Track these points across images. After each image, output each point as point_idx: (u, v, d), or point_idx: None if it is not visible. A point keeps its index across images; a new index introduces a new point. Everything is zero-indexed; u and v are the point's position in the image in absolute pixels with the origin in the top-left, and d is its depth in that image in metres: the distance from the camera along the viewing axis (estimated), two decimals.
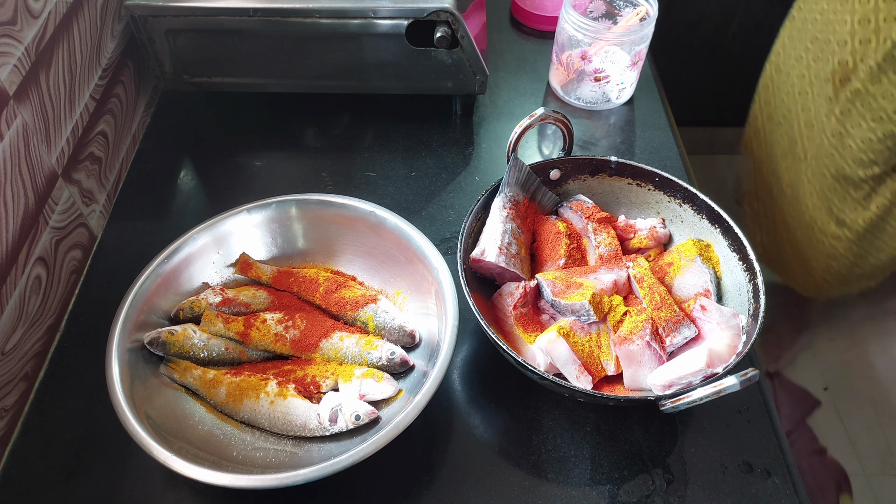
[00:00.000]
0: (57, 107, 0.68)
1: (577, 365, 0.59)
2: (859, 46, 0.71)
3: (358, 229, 0.68)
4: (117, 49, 0.82)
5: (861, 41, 0.71)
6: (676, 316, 0.61)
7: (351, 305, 0.65)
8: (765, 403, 0.64)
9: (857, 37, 0.71)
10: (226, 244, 0.68)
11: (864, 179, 0.79)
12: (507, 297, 0.64)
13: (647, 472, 0.59)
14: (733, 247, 0.64)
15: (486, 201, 0.68)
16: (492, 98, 0.94)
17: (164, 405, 0.57)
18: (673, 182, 0.69)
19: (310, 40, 0.81)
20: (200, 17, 0.78)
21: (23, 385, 0.63)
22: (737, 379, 0.49)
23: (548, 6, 1.04)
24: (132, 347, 0.58)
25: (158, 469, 0.52)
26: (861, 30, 0.71)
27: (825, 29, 0.78)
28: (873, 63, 0.70)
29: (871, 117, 0.74)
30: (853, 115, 0.76)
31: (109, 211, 0.80)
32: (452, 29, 0.78)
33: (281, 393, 0.58)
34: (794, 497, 0.58)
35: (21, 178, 0.62)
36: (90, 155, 0.76)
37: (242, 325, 0.63)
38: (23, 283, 0.62)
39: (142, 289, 0.61)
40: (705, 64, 1.72)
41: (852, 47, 0.73)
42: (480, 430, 0.62)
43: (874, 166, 0.78)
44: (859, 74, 0.73)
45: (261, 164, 0.86)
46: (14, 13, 0.61)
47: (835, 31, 0.75)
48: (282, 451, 0.57)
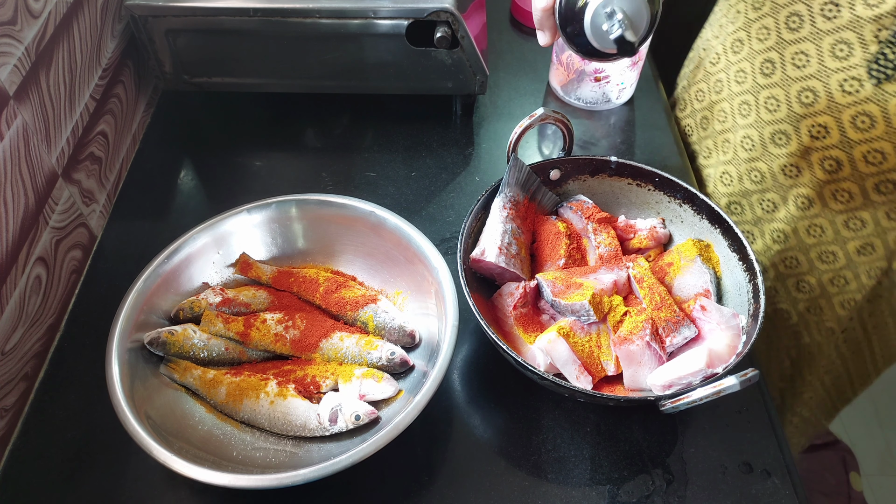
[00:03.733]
0: (57, 107, 0.68)
1: (577, 365, 0.59)
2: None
3: (358, 229, 0.68)
4: (117, 49, 0.82)
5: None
6: (676, 316, 0.61)
7: (351, 305, 0.65)
8: (765, 403, 0.64)
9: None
10: (226, 244, 0.68)
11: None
12: (507, 298, 0.64)
13: (647, 472, 0.59)
14: (733, 247, 0.64)
15: (486, 201, 0.68)
16: (492, 98, 0.94)
17: (164, 405, 0.57)
18: (673, 182, 0.69)
19: (310, 40, 0.81)
20: (200, 17, 0.78)
21: (23, 385, 0.63)
22: (737, 379, 0.49)
23: None
24: (132, 347, 0.58)
25: (158, 469, 0.52)
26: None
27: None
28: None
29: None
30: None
31: (109, 211, 0.80)
32: (452, 29, 0.78)
33: (281, 393, 0.58)
34: (794, 497, 0.58)
35: (21, 178, 0.62)
36: (90, 155, 0.76)
37: (242, 325, 0.63)
38: (23, 283, 0.62)
39: (142, 289, 0.61)
40: None
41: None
42: (480, 430, 0.62)
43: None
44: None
45: (261, 164, 0.86)
46: (14, 13, 0.61)
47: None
48: (282, 451, 0.57)
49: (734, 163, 0.79)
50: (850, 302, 0.78)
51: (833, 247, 0.74)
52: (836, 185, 0.70)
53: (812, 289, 0.79)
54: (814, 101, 0.67)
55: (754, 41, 0.72)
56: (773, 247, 0.78)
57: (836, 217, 0.72)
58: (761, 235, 0.80)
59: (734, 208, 0.82)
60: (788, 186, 0.73)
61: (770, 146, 0.73)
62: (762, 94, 0.72)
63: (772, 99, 0.71)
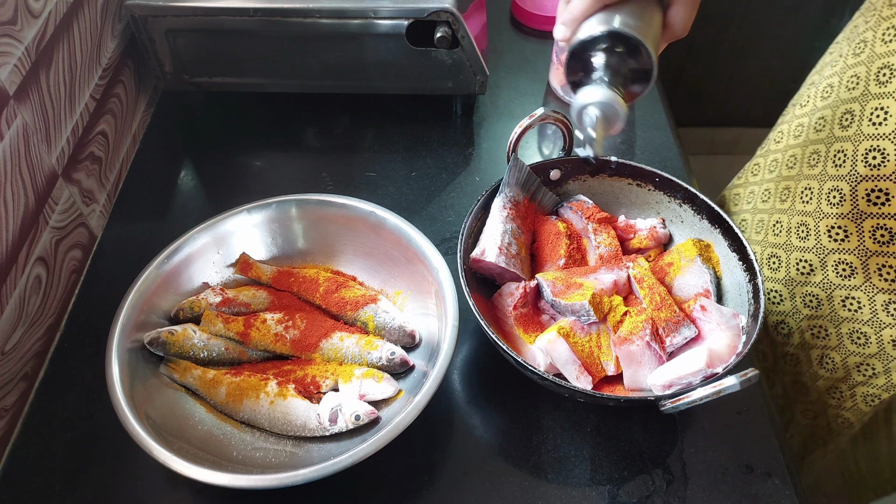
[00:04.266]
0: (57, 107, 0.68)
1: (577, 365, 0.59)
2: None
3: (358, 229, 0.68)
4: (117, 49, 0.82)
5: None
6: (676, 316, 0.61)
7: (351, 305, 0.65)
8: (765, 404, 0.64)
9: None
10: (226, 244, 0.68)
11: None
12: (507, 298, 0.64)
13: (647, 472, 0.59)
14: (733, 247, 0.64)
15: (486, 201, 0.68)
16: (492, 98, 0.94)
17: (164, 405, 0.57)
18: (673, 182, 0.69)
19: (310, 40, 0.81)
20: (200, 17, 0.78)
21: (23, 385, 0.63)
22: (737, 379, 0.49)
23: (548, 6, 1.04)
24: (132, 347, 0.58)
25: (158, 469, 0.52)
26: None
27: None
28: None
29: None
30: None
31: (109, 211, 0.80)
32: (453, 29, 0.78)
33: (281, 393, 0.58)
34: (794, 498, 0.58)
35: (21, 178, 0.62)
36: (90, 155, 0.76)
37: (242, 325, 0.63)
38: (23, 283, 0.62)
39: (142, 289, 0.61)
40: (705, 64, 1.72)
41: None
42: (480, 430, 0.62)
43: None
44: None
45: (261, 164, 0.86)
46: (14, 13, 0.61)
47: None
48: (282, 451, 0.57)
49: (779, 212, 0.73)
50: (874, 399, 0.71)
51: (867, 328, 0.68)
52: (884, 258, 0.64)
53: (835, 368, 0.73)
54: (881, 163, 0.61)
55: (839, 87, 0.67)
56: (803, 311, 0.72)
57: (876, 296, 0.66)
58: (791, 297, 0.74)
59: (772, 262, 0.76)
60: (831, 250, 0.68)
61: (823, 203, 0.67)
62: (833, 147, 0.65)
63: (840, 153, 0.65)
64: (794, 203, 0.71)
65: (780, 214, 0.73)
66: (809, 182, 0.68)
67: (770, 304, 0.75)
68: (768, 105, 1.76)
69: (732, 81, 1.72)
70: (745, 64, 1.67)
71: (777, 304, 0.75)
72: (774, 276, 0.75)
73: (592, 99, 0.54)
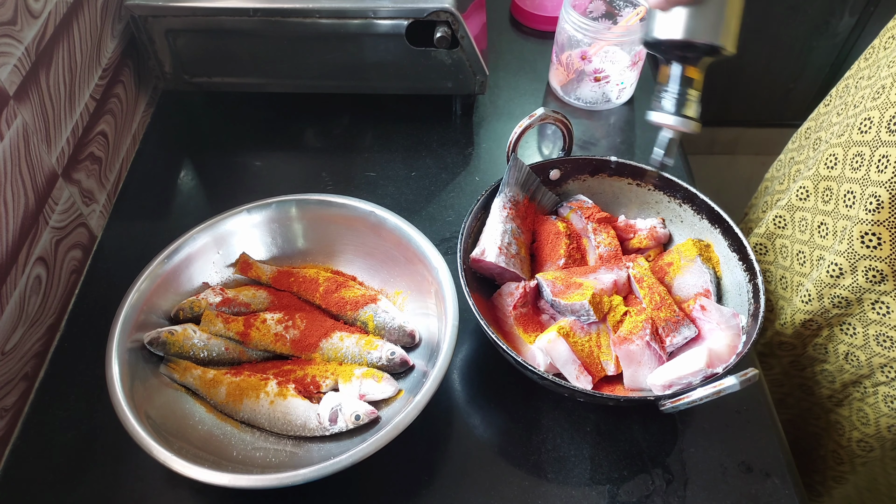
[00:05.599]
0: (57, 107, 0.68)
1: (576, 365, 0.59)
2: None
3: (358, 229, 0.68)
4: (117, 49, 0.82)
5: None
6: (676, 316, 0.61)
7: (351, 305, 0.65)
8: (765, 404, 0.64)
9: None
10: (226, 244, 0.68)
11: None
12: (507, 297, 0.64)
13: (647, 472, 0.59)
14: (733, 247, 0.64)
15: (486, 201, 0.68)
16: (492, 98, 0.94)
17: (164, 405, 0.57)
18: (673, 182, 0.69)
19: (310, 40, 0.81)
20: (200, 17, 0.78)
21: (23, 385, 0.63)
22: (737, 379, 0.49)
23: (548, 6, 1.04)
24: (132, 347, 0.58)
25: (158, 469, 0.52)
26: None
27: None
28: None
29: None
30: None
31: (109, 211, 0.80)
32: (452, 29, 0.78)
33: (281, 393, 0.58)
34: (794, 497, 0.58)
35: (21, 178, 0.62)
36: (90, 155, 0.76)
37: (242, 325, 0.63)
38: (23, 283, 0.62)
39: (142, 289, 0.61)
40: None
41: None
42: (480, 430, 0.62)
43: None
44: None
45: (261, 164, 0.86)
46: (14, 13, 0.61)
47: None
48: (282, 451, 0.57)
49: (822, 213, 0.71)
50: (893, 400, 0.71)
51: (894, 333, 0.67)
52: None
53: (860, 365, 0.72)
54: None
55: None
56: (832, 311, 0.71)
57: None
58: (819, 298, 0.72)
59: (800, 257, 0.74)
60: (862, 256, 0.66)
61: (860, 209, 0.65)
62: (878, 152, 0.64)
63: (884, 158, 0.63)
64: (837, 206, 0.70)
65: (824, 216, 0.73)
66: (851, 185, 0.67)
67: (802, 302, 0.75)
68: (768, 105, 1.76)
69: (732, 81, 1.72)
70: (745, 64, 1.67)
71: (807, 302, 0.74)
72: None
73: (667, 122, 0.57)
